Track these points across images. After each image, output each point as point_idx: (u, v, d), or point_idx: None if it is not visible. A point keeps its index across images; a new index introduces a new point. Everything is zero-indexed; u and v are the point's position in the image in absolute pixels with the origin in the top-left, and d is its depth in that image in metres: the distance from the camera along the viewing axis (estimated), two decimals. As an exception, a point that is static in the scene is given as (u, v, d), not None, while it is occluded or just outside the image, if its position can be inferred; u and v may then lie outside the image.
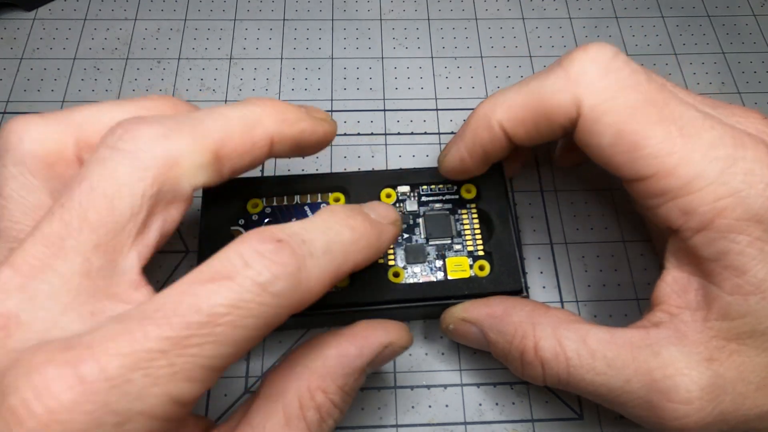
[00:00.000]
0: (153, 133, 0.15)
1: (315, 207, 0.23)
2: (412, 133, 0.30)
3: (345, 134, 0.30)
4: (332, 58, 0.32)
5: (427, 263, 0.22)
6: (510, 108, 0.19)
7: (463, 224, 0.23)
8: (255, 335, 0.14)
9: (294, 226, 0.15)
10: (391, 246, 0.22)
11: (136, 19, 0.33)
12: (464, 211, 0.23)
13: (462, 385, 0.24)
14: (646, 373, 0.17)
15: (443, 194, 0.24)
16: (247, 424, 0.16)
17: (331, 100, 0.31)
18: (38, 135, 0.16)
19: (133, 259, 0.15)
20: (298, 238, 0.15)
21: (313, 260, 0.15)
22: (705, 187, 0.17)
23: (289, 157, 0.20)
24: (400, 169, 0.24)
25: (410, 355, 0.24)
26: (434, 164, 0.27)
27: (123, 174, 0.15)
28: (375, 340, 0.18)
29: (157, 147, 0.15)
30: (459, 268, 0.22)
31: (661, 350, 0.18)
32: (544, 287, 0.26)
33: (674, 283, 0.19)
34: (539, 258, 0.27)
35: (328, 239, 0.16)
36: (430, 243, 0.23)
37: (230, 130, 0.17)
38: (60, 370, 0.12)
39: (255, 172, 0.28)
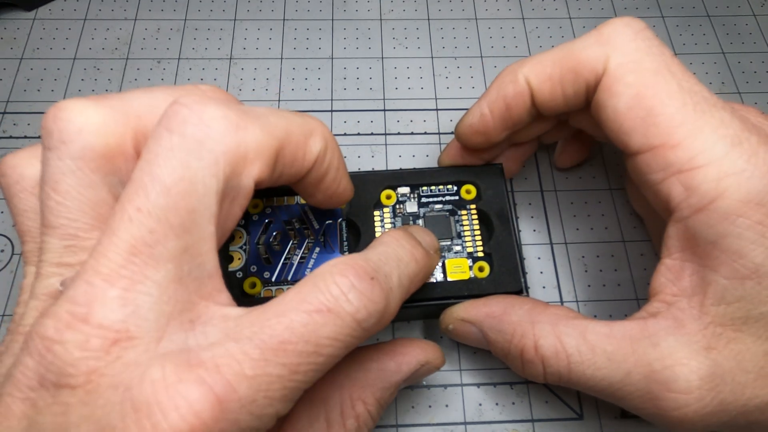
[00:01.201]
0: (223, 119, 0.14)
1: (315, 207, 0.23)
2: (412, 133, 0.30)
3: (345, 134, 0.30)
4: (332, 58, 0.32)
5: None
6: (538, 63, 0.20)
7: (462, 225, 0.23)
8: (337, 361, 0.15)
9: (374, 257, 0.16)
10: None
11: (136, 19, 0.33)
12: (464, 212, 0.23)
13: (462, 385, 0.24)
14: (645, 365, 0.17)
15: (443, 195, 0.24)
16: (291, 427, 0.17)
17: (331, 100, 0.31)
18: (97, 127, 0.14)
19: (215, 258, 0.15)
20: (383, 274, 0.16)
21: (392, 294, 0.16)
22: (710, 163, 0.17)
23: (304, 196, 0.19)
24: (400, 169, 0.24)
25: (410, 355, 0.24)
26: (434, 164, 0.27)
27: (196, 169, 0.13)
28: (413, 357, 0.19)
29: (228, 137, 0.14)
30: (458, 269, 0.22)
31: (659, 341, 0.18)
32: (544, 287, 0.26)
33: (668, 271, 0.19)
34: (539, 258, 0.27)
35: (400, 272, 0.17)
36: (430, 243, 0.23)
37: (291, 132, 0.16)
38: (200, 389, 0.12)
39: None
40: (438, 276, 0.22)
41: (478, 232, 0.23)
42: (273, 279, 0.22)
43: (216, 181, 0.14)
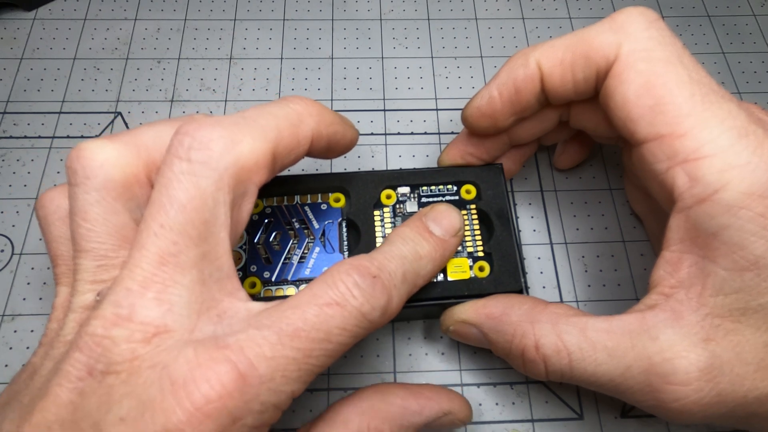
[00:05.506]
0: (220, 139, 0.16)
1: (315, 207, 0.23)
2: (412, 133, 0.30)
3: (345, 134, 0.30)
4: (332, 58, 0.32)
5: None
6: (550, 47, 0.21)
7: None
8: (347, 349, 0.16)
9: (379, 257, 0.18)
10: None
11: (136, 19, 0.33)
12: (464, 211, 0.23)
13: (462, 385, 0.24)
14: (645, 358, 0.18)
15: (443, 195, 0.24)
16: None
17: (331, 100, 0.31)
18: (115, 161, 0.17)
19: (230, 259, 0.17)
20: (387, 272, 0.17)
21: (396, 290, 0.17)
22: (716, 154, 0.17)
23: (317, 158, 0.21)
24: (400, 169, 0.24)
25: (410, 355, 0.24)
26: (434, 164, 0.27)
27: (206, 187, 0.15)
28: (437, 404, 0.19)
29: (228, 154, 0.16)
30: (459, 269, 0.22)
31: (658, 334, 0.18)
32: (544, 287, 0.26)
33: (666, 264, 0.19)
34: (539, 258, 0.27)
35: (404, 270, 0.18)
36: (430, 243, 0.23)
37: (281, 129, 0.17)
38: (226, 366, 0.14)
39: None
40: (438, 276, 0.22)
41: (478, 232, 0.23)
42: (273, 279, 0.22)
43: (223, 194, 0.16)
